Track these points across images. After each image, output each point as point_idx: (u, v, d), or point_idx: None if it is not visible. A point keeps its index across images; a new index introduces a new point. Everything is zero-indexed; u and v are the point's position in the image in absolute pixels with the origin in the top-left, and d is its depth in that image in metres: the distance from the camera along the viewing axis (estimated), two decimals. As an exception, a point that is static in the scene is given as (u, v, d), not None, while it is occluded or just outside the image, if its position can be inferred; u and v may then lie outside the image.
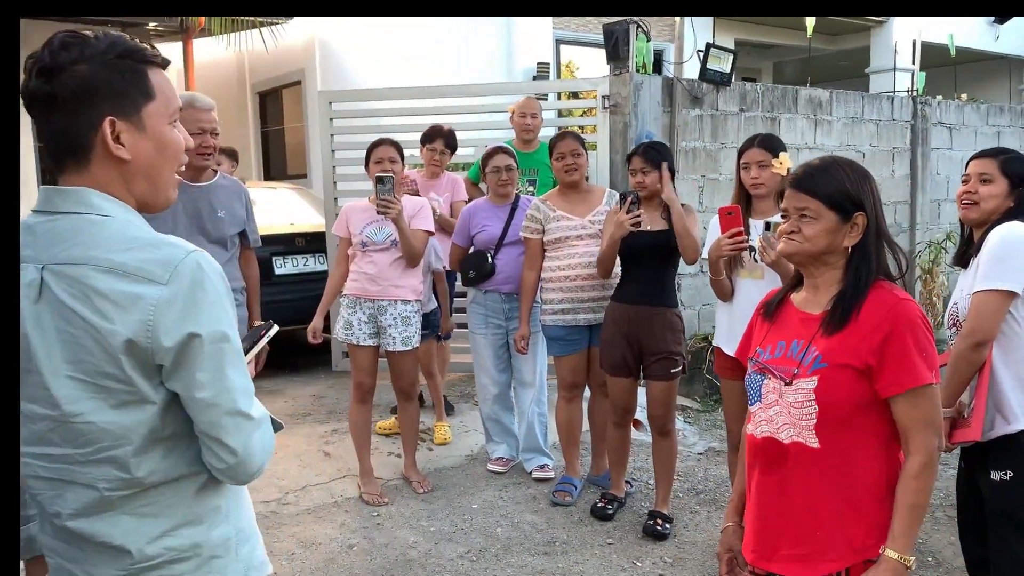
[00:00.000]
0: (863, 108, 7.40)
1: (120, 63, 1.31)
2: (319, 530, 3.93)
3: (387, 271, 4.10)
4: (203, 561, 1.39)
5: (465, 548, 3.77)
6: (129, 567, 1.34)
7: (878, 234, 1.87)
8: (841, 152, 7.25)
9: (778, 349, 1.93)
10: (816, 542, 1.86)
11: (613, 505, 4.08)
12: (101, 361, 1.27)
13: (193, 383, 1.30)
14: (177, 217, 3.37)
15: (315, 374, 6.63)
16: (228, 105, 11.85)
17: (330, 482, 4.45)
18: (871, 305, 1.83)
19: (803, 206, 1.87)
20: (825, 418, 1.81)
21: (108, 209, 1.31)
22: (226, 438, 1.33)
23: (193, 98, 3.41)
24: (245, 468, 1.37)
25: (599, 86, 5.89)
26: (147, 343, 1.26)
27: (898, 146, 7.68)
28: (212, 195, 3.48)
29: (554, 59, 10.84)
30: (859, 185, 1.87)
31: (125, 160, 1.33)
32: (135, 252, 1.28)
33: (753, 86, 6.75)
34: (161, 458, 1.34)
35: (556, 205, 4.16)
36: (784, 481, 1.90)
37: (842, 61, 13.98)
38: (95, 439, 1.30)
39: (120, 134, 1.31)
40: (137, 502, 1.34)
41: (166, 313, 1.26)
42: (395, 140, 4.30)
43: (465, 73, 8.83)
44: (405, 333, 4.15)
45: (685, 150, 6.19)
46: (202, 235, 3.43)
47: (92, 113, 1.29)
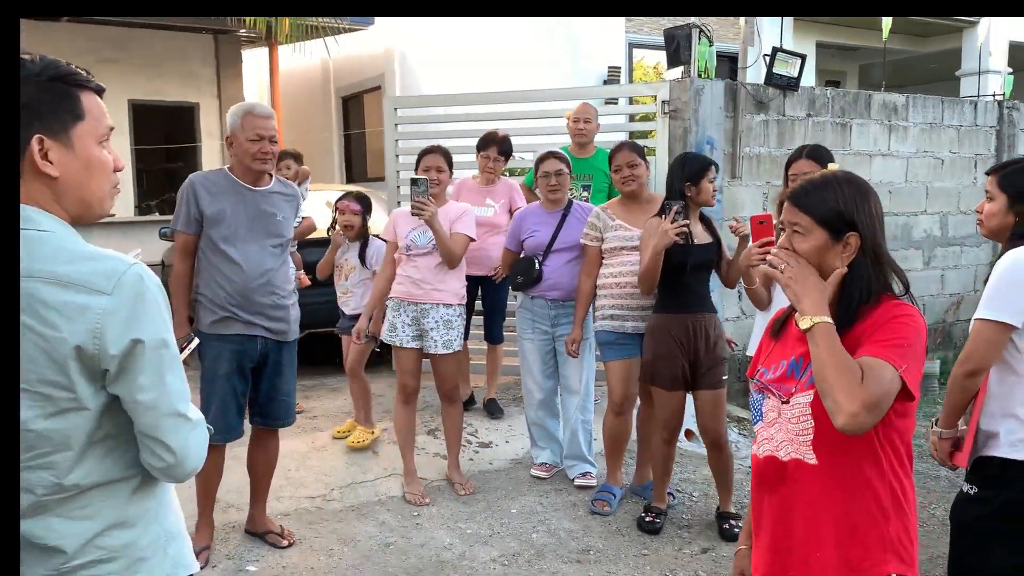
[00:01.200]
0: (943, 113, 7.11)
1: (51, 85, 1.38)
2: (359, 527, 4.02)
3: (429, 275, 4.18)
4: (132, 561, 1.46)
5: (499, 552, 3.80)
6: (60, 567, 1.40)
7: (875, 255, 1.81)
8: (918, 159, 7.00)
9: (779, 368, 1.91)
10: (816, 563, 1.83)
11: (661, 518, 4.04)
12: (45, 369, 1.33)
13: (135, 386, 1.37)
14: (239, 220, 3.49)
15: (377, 373, 6.74)
16: (313, 109, 12.21)
17: (375, 480, 4.54)
18: (868, 320, 1.79)
19: (795, 221, 1.84)
20: (821, 432, 1.77)
21: (46, 224, 1.37)
22: (165, 438, 1.41)
23: (252, 106, 3.54)
24: (182, 466, 1.44)
25: (659, 91, 5.83)
26: (95, 349, 1.33)
27: (981, 152, 7.35)
28: (270, 199, 3.59)
29: (626, 62, 10.77)
30: (855, 204, 1.81)
31: (54, 177, 1.39)
32: (78, 264, 1.35)
33: (823, 91, 6.57)
34: (97, 462, 1.40)
35: (616, 214, 4.17)
36: (785, 500, 1.87)
37: (932, 63, 13.45)
38: (34, 445, 1.35)
39: (48, 152, 1.38)
40: (72, 504, 1.40)
41: (112, 321, 1.33)
42: (445, 149, 4.39)
43: (535, 78, 8.86)
44: (447, 336, 4.22)
45: (749, 156, 6.07)
46: (264, 238, 3.54)
47: (23, 130, 1.35)
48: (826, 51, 12.83)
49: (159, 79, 11.00)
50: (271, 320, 3.57)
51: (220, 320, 3.49)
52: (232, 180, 3.54)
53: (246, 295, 3.49)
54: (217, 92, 12.06)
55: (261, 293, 3.52)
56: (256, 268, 3.50)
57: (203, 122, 11.59)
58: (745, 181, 6.01)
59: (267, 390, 3.68)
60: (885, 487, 1.79)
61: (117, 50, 10.43)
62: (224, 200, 3.49)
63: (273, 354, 3.64)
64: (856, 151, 6.61)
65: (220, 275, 3.47)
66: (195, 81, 11.47)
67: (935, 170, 7.12)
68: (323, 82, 12.00)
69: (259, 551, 3.77)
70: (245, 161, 3.50)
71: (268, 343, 3.60)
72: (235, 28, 10.63)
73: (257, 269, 3.50)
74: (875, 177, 6.75)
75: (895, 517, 1.81)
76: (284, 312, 3.63)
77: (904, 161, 6.92)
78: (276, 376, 3.68)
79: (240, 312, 3.49)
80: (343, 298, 5.06)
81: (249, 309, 3.50)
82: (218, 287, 3.47)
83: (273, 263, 3.58)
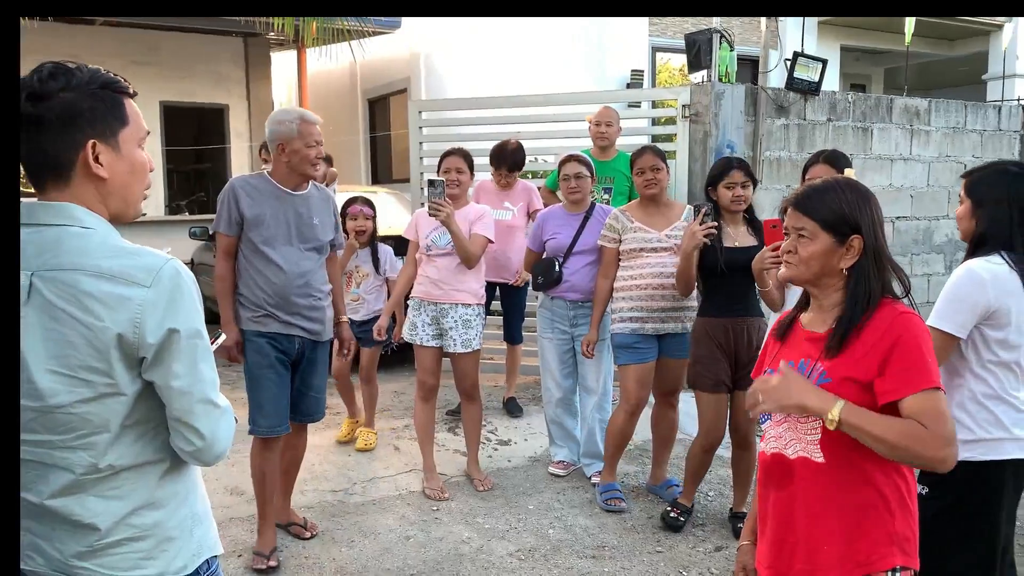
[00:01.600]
0: (966, 117, 7.11)
1: (101, 93, 1.49)
2: (380, 520, 4.13)
3: (448, 275, 4.28)
4: (160, 540, 1.55)
5: (516, 547, 3.88)
6: (94, 543, 1.51)
7: (877, 256, 1.88)
8: (940, 164, 7.00)
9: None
10: (824, 556, 1.88)
11: (684, 517, 4.08)
12: (87, 356, 1.43)
13: (170, 373, 1.47)
14: (279, 224, 3.56)
15: (401, 372, 6.87)
16: (340, 111, 12.38)
17: (396, 475, 4.65)
18: (873, 323, 1.84)
19: (800, 226, 1.91)
20: (829, 432, 1.82)
21: (89, 222, 1.48)
22: (196, 423, 1.50)
23: (303, 113, 3.60)
24: (211, 450, 1.54)
25: (680, 95, 5.89)
26: (134, 338, 1.43)
27: (1005, 157, 7.33)
28: (308, 203, 3.65)
29: (649, 66, 10.82)
30: (857, 207, 1.88)
31: (103, 178, 1.50)
32: (120, 259, 1.45)
33: (844, 95, 6.59)
34: (129, 444, 1.50)
35: (635, 216, 4.22)
36: (792, 497, 1.93)
37: (960, 67, 13.37)
38: (76, 427, 1.45)
39: (100, 155, 1.48)
40: (106, 485, 1.50)
41: (151, 312, 1.43)
42: (466, 151, 4.49)
43: (559, 82, 8.95)
44: (466, 336, 4.33)
45: (769, 160, 6.11)
46: (301, 241, 3.61)
47: (77, 135, 1.46)
48: (850, 55, 12.80)
49: (190, 81, 11.20)
50: (308, 320, 3.64)
51: (260, 318, 3.57)
52: (272, 185, 3.60)
53: (285, 296, 3.56)
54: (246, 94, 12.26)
55: (299, 294, 3.59)
56: (295, 270, 3.58)
57: (232, 123, 11.78)
58: (765, 184, 6.04)
59: (299, 386, 3.75)
60: (890, 485, 1.84)
61: (149, 52, 10.65)
62: (264, 204, 3.55)
63: (308, 352, 3.71)
64: (877, 155, 6.63)
65: (260, 276, 3.55)
66: (225, 83, 11.67)
67: (957, 174, 7.07)
68: (350, 85, 12.16)
69: (283, 541, 3.88)
70: (301, 167, 3.55)
71: (304, 342, 3.67)
72: (264, 31, 10.81)
73: (296, 271, 3.58)
74: (896, 181, 6.76)
75: (899, 513, 1.86)
76: (320, 313, 3.71)
77: (926, 165, 6.93)
78: (309, 373, 3.75)
79: (279, 312, 3.56)
80: (352, 305, 5.01)
81: (287, 310, 3.58)
82: (258, 288, 3.55)
83: (311, 266, 3.65)
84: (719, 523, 4.14)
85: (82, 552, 1.51)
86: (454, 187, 4.32)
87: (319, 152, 3.55)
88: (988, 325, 2.39)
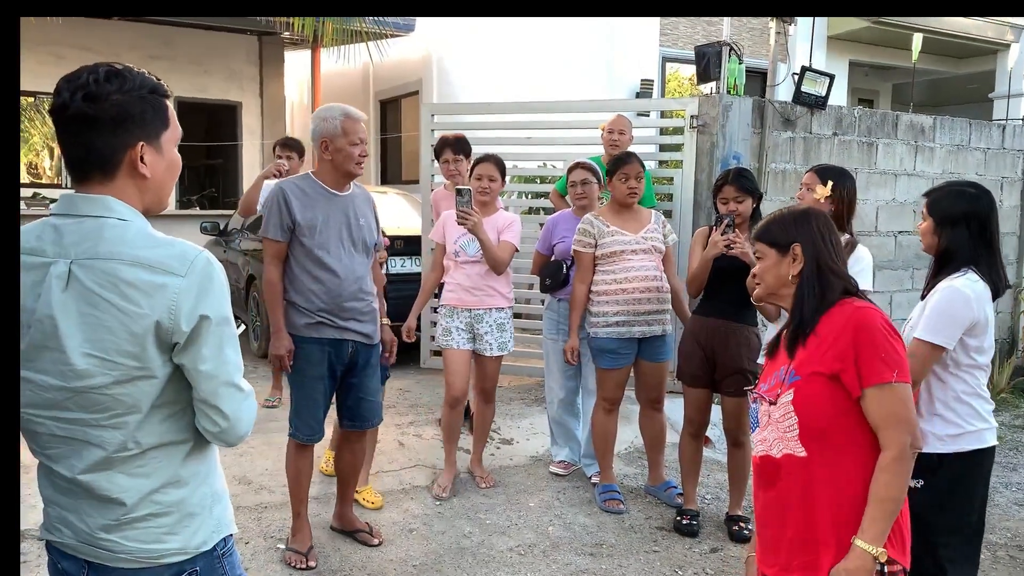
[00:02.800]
0: (970, 135, 7.20)
1: (150, 97, 1.60)
2: (384, 514, 4.22)
3: (480, 282, 4.39)
4: (182, 516, 1.65)
5: (516, 542, 3.98)
6: (120, 517, 1.60)
7: (818, 261, 2.08)
8: (944, 180, 7.07)
9: (772, 379, 2.13)
10: (816, 546, 1.99)
11: (697, 520, 4.17)
12: (123, 341, 1.52)
13: (199, 357, 1.56)
14: (331, 227, 3.49)
15: (405, 370, 6.97)
16: (351, 111, 12.48)
17: (401, 470, 4.75)
18: (833, 319, 2.02)
19: (756, 250, 2.18)
20: (806, 426, 1.98)
21: (127, 214, 1.58)
22: (221, 404, 1.60)
23: (348, 109, 3.51)
24: (234, 431, 1.63)
25: (687, 106, 6.00)
26: (170, 324, 1.53)
27: (1008, 176, 7.43)
28: (354, 204, 3.60)
29: (659, 76, 10.93)
30: (795, 224, 2.13)
31: (145, 176, 1.61)
32: (157, 250, 1.55)
33: (850, 110, 6.69)
34: (157, 425, 1.59)
35: (609, 221, 4.28)
36: (782, 493, 2.05)
37: (970, 84, 13.46)
38: (109, 407, 1.55)
39: (144, 155, 1.59)
40: (134, 462, 1.59)
41: (185, 299, 1.53)
42: (498, 157, 4.51)
43: (570, 89, 9.06)
44: (501, 339, 4.46)
45: (775, 172, 6.21)
46: (352, 243, 3.56)
47: (126, 136, 1.56)
48: (859, 70, 12.90)
49: (204, 77, 11.33)
50: (361, 323, 3.60)
51: (313, 324, 3.51)
52: (320, 187, 3.52)
53: (339, 301, 3.50)
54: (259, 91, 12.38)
55: (353, 298, 3.54)
56: (350, 274, 3.53)
57: (245, 120, 11.90)
58: (770, 196, 6.13)
59: (355, 392, 3.70)
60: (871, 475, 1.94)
61: (165, 47, 10.78)
62: (316, 207, 3.48)
63: (361, 356, 3.66)
64: (882, 170, 6.72)
65: (314, 282, 3.48)
66: (238, 80, 11.79)
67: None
68: (362, 86, 12.28)
69: (290, 529, 3.97)
70: (346, 165, 3.48)
71: (357, 346, 3.62)
72: (281, 30, 10.93)
73: (351, 275, 3.53)
74: (900, 196, 6.85)
75: None
76: (372, 315, 3.67)
77: (930, 181, 7.01)
78: (364, 377, 3.70)
79: (333, 318, 3.51)
80: None
81: (342, 315, 3.52)
82: (312, 294, 3.48)
83: (363, 268, 3.62)
84: (715, 525, 4.24)
85: (108, 525, 1.60)
86: (485, 195, 4.38)
87: (363, 151, 3.49)
88: (968, 335, 2.62)
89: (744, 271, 3.90)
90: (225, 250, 8.28)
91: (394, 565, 3.72)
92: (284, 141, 6.01)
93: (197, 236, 8.54)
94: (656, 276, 4.21)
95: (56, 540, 1.66)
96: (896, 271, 6.85)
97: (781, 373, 2.07)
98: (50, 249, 1.55)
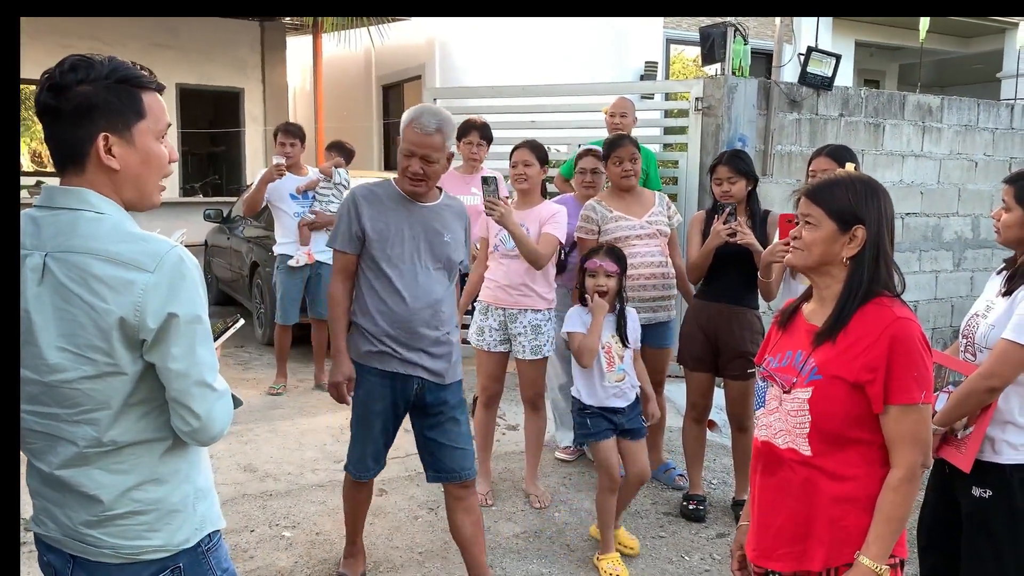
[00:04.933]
0: (978, 115, 7.13)
1: (118, 87, 1.54)
2: (390, 500, 4.22)
3: (516, 279, 4.08)
4: (163, 514, 1.62)
5: (522, 528, 3.97)
6: (100, 514, 1.58)
7: (877, 250, 1.91)
8: (951, 161, 7.03)
9: (785, 358, 2.01)
10: (808, 540, 1.94)
11: (704, 505, 4.15)
12: (92, 336, 1.49)
13: (168, 356, 1.53)
14: (404, 239, 3.07)
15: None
16: (354, 97, 12.45)
17: (406, 457, 4.73)
18: (868, 320, 1.88)
19: (807, 213, 1.96)
20: (817, 428, 1.89)
21: (103, 207, 1.54)
22: (193, 404, 1.56)
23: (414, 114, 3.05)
24: (207, 431, 1.59)
25: (692, 88, 5.94)
26: (135, 321, 1.49)
27: (1016, 156, 7.35)
28: (440, 217, 3.15)
29: (663, 58, 10.85)
30: (864, 200, 1.92)
31: (115, 169, 1.56)
32: (128, 244, 1.51)
33: (857, 91, 6.62)
34: (133, 422, 1.57)
35: (612, 206, 4.22)
36: (780, 484, 1.99)
37: (976, 64, 13.34)
38: (80, 402, 1.53)
39: (112, 147, 1.54)
40: (111, 459, 1.57)
41: (152, 296, 1.49)
42: (536, 142, 4.22)
43: (574, 71, 9.00)
44: (535, 342, 4.12)
45: (780, 154, 6.16)
46: (430, 259, 3.11)
47: (90, 127, 1.52)
48: (865, 50, 12.79)
49: (207, 64, 11.29)
50: (433, 358, 3.12)
51: (376, 353, 3.10)
52: (398, 193, 3.11)
53: (408, 328, 3.06)
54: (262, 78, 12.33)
55: (425, 326, 3.08)
56: (422, 297, 3.07)
57: (248, 107, 11.87)
58: (776, 178, 6.10)
59: (439, 440, 3.18)
60: (877, 480, 1.89)
61: (168, 35, 10.74)
62: (389, 216, 3.07)
63: (433, 397, 3.15)
64: (889, 151, 6.66)
65: (380, 303, 3.07)
66: (241, 67, 11.76)
67: (968, 172, 7.14)
68: (364, 71, 12.22)
69: (295, 517, 3.97)
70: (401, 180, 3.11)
71: (426, 384, 3.13)
72: (281, 16, 10.87)
73: (423, 298, 3.07)
74: (907, 178, 6.80)
75: None
76: (447, 349, 3.16)
77: (937, 163, 6.96)
78: (447, 423, 3.17)
79: (399, 349, 3.08)
80: None
81: (410, 345, 3.08)
82: (378, 316, 3.08)
83: (441, 291, 3.13)
84: (722, 510, 4.22)
85: (89, 521, 1.59)
86: (522, 181, 4.12)
87: (414, 168, 3.01)
88: None
89: (745, 255, 3.90)
90: (228, 237, 8.27)
91: (400, 552, 3.72)
92: (285, 127, 5.96)
93: (200, 223, 8.53)
94: (661, 262, 4.18)
95: (43, 533, 1.66)
96: (903, 253, 6.80)
97: (798, 360, 1.96)
98: (28, 241, 1.53)
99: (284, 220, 5.88)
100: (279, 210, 5.88)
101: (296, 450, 4.72)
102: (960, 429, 2.53)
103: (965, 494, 2.56)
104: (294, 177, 5.85)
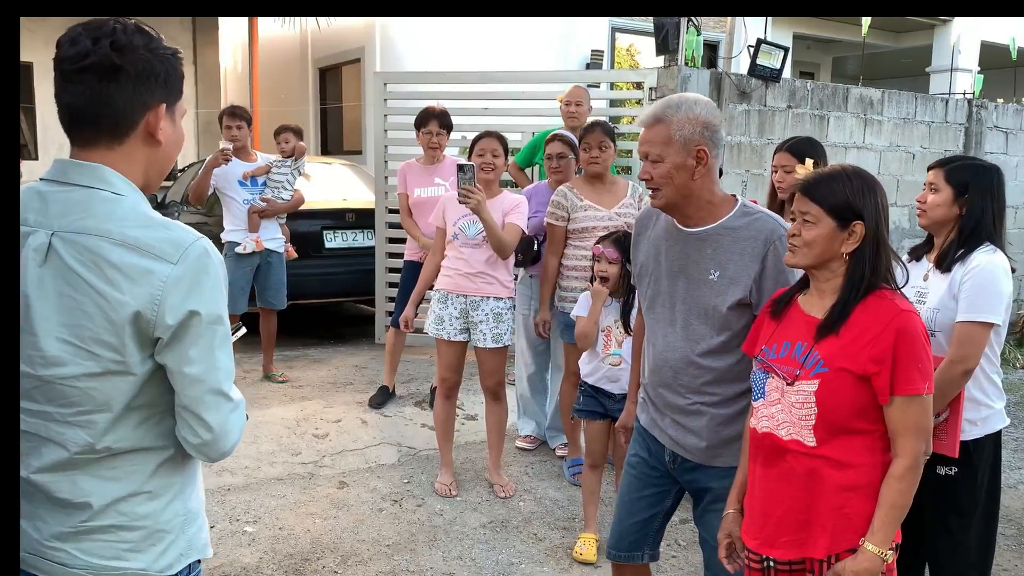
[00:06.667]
0: (916, 109, 7.35)
1: (174, 60, 1.46)
2: (352, 493, 4.15)
3: (479, 267, 4.05)
4: (150, 533, 1.46)
5: (488, 519, 3.95)
6: (79, 524, 1.41)
7: (877, 244, 1.94)
8: (891, 153, 7.23)
9: (783, 349, 2.02)
10: (811, 527, 1.97)
11: None
12: (100, 329, 1.35)
13: (185, 358, 1.38)
14: (660, 274, 2.40)
15: (359, 345, 6.87)
16: (289, 80, 12.17)
17: (365, 448, 4.67)
18: (871, 312, 1.91)
19: (805, 210, 1.98)
20: (823, 419, 1.92)
21: (122, 188, 1.41)
22: (205, 414, 1.42)
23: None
24: (217, 445, 1.45)
25: (647, 78, 5.97)
26: (152, 316, 1.35)
27: (950, 149, 7.61)
28: (706, 245, 2.30)
29: (609, 47, 10.89)
30: (862, 195, 1.95)
31: (158, 143, 1.46)
32: (149, 230, 1.37)
33: (803, 83, 6.76)
34: (131, 428, 1.41)
35: (583, 194, 4.21)
36: (783, 475, 2.00)
37: (904, 59, 13.77)
38: (76, 402, 1.37)
39: (160, 120, 1.45)
40: (102, 466, 1.41)
41: (173, 290, 1.35)
42: (501, 134, 4.21)
43: (520, 59, 8.95)
44: (496, 330, 4.09)
45: (731, 145, 6.24)
46: (693, 303, 2.31)
47: (148, 96, 1.42)
48: (802, 43, 13.06)
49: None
50: (682, 431, 2.35)
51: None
52: (666, 217, 2.38)
53: (654, 386, 2.43)
54: (193, 59, 11.96)
55: (672, 390, 2.36)
56: (674, 351, 2.34)
57: (180, 89, 11.47)
58: (727, 169, 6.16)
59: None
60: (880, 469, 1.93)
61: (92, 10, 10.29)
62: (649, 243, 2.44)
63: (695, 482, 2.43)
64: (833, 143, 6.82)
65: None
66: (172, 46, 11.36)
67: (907, 164, 7.36)
68: (300, 53, 11.95)
69: (256, 512, 3.88)
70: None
71: (677, 460, 2.41)
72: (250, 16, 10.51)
73: (676, 352, 2.33)
74: (849, 169, 6.97)
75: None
76: (701, 422, 2.32)
77: (878, 154, 7.15)
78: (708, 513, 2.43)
79: (647, 405, 2.50)
80: None
81: (657, 401, 2.43)
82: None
83: (705, 343, 2.29)
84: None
85: (64, 533, 1.42)
86: (489, 171, 4.06)
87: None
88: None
89: None
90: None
91: (367, 545, 3.66)
92: (231, 110, 5.76)
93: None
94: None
95: None
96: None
97: (799, 352, 1.97)
98: (32, 217, 1.37)
99: (232, 207, 5.68)
100: (227, 197, 5.68)
101: (252, 443, 4.60)
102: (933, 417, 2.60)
103: (930, 474, 2.63)
104: (241, 163, 5.67)
